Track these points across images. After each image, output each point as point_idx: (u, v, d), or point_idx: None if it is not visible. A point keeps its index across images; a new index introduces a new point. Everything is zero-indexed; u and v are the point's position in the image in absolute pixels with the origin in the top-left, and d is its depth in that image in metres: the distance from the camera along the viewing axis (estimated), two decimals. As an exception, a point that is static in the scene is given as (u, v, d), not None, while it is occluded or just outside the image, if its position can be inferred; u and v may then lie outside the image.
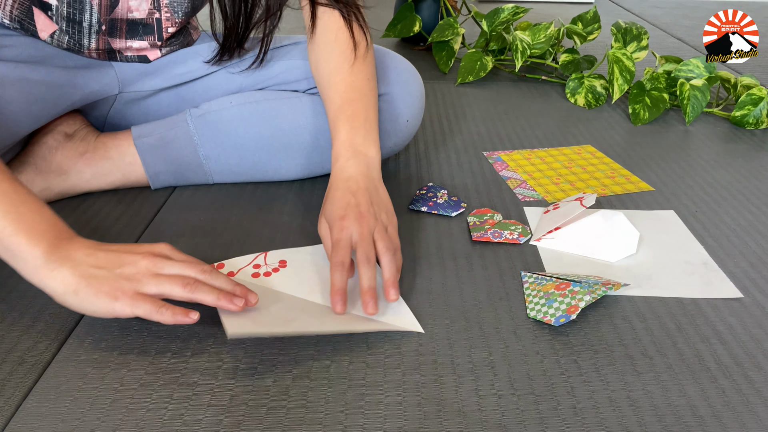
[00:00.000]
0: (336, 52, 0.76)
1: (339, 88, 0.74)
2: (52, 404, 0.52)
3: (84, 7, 0.76)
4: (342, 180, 0.68)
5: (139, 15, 0.80)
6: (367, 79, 0.76)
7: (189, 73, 0.88)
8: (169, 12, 0.81)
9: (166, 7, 0.81)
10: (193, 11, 0.84)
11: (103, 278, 0.54)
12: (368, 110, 0.73)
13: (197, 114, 0.84)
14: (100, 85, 0.84)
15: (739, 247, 0.77)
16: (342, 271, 0.60)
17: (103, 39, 0.80)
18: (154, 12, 0.80)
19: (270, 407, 0.52)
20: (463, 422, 0.51)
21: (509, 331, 0.62)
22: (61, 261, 0.54)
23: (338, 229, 0.63)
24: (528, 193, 0.90)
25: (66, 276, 0.54)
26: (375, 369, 0.56)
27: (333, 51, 0.76)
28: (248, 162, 0.86)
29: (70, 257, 0.54)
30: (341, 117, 0.72)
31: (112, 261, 0.55)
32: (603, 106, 1.28)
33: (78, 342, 0.59)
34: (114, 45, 0.82)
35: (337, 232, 0.63)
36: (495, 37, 1.47)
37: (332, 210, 0.65)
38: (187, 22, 0.86)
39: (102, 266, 0.55)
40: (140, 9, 0.79)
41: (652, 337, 0.61)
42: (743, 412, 0.53)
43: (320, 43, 0.78)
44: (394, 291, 0.61)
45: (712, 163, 1.02)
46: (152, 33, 0.82)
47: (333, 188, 0.67)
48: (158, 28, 0.82)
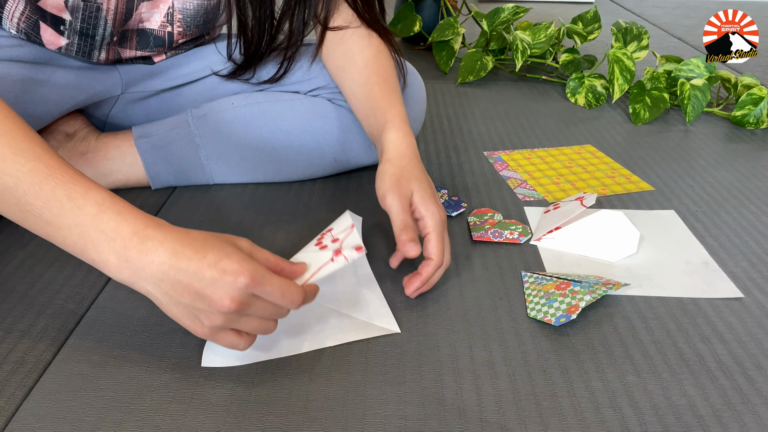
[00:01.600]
0: (374, 45, 0.78)
1: (380, 73, 0.76)
2: (52, 404, 0.52)
3: (98, 22, 0.75)
4: (416, 156, 0.68)
5: (150, 26, 0.79)
6: (394, 69, 0.79)
7: (192, 73, 0.88)
8: (181, 26, 0.81)
9: (179, 21, 0.80)
10: (206, 25, 0.83)
11: (182, 308, 0.50)
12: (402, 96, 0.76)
13: (198, 115, 0.84)
14: (104, 86, 0.84)
15: (739, 247, 0.77)
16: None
17: (113, 50, 0.80)
18: (167, 26, 0.80)
19: (270, 407, 0.52)
20: (463, 422, 0.51)
21: (509, 330, 0.62)
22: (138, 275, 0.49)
23: (438, 216, 0.64)
24: (528, 192, 0.90)
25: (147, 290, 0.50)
26: (375, 369, 0.56)
27: (369, 45, 0.78)
28: (249, 163, 0.86)
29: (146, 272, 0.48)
30: (392, 95, 0.74)
31: (189, 294, 0.49)
32: (603, 105, 1.28)
33: (78, 342, 0.59)
34: (123, 54, 0.81)
35: (439, 218, 0.64)
36: (495, 37, 1.47)
37: (428, 194, 0.65)
38: (198, 34, 0.85)
39: (178, 297, 0.49)
40: (152, 20, 0.79)
41: (652, 337, 0.61)
42: (743, 411, 0.53)
43: (352, 35, 0.79)
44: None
45: (712, 163, 1.02)
46: (162, 45, 0.82)
47: (412, 165, 0.67)
48: (169, 41, 0.82)
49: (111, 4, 0.73)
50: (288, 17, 0.77)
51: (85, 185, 0.48)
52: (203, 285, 0.48)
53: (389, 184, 0.65)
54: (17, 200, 0.47)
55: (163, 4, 0.77)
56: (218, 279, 0.48)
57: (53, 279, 0.68)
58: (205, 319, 0.50)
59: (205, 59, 0.88)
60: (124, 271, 0.48)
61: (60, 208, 0.47)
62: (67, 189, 0.48)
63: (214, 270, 0.48)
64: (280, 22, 0.78)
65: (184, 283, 0.48)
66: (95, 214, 0.48)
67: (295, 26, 0.77)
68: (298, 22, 0.77)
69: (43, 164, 0.48)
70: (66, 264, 0.70)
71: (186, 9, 0.79)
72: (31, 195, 0.47)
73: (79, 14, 0.73)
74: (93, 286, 0.67)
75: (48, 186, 0.47)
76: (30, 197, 0.47)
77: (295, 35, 0.78)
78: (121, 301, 0.64)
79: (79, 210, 0.48)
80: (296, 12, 0.77)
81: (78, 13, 0.73)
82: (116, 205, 0.49)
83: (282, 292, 0.50)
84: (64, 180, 0.48)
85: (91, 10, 0.72)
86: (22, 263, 0.70)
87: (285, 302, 0.51)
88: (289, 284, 0.51)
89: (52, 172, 0.48)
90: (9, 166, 0.47)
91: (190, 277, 0.48)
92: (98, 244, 0.48)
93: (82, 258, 0.49)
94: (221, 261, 0.48)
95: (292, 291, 0.51)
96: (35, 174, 0.47)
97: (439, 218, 0.64)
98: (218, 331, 0.51)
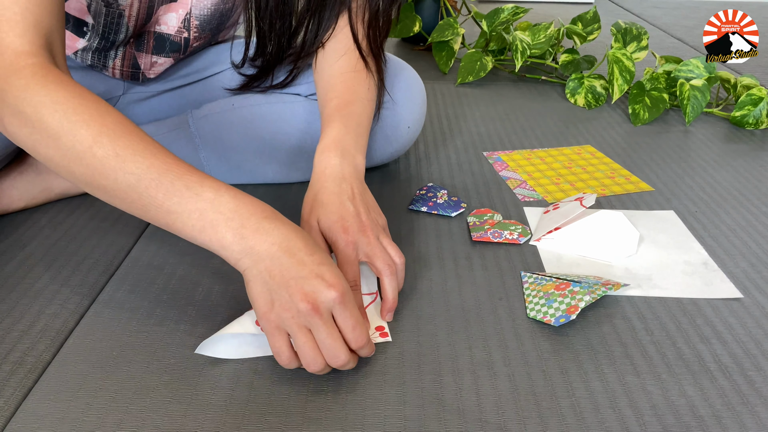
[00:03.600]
0: (343, 60, 0.76)
1: (338, 90, 0.74)
2: (52, 404, 0.52)
3: (120, 28, 0.75)
4: (334, 180, 0.64)
5: (167, 30, 0.80)
6: (367, 88, 0.75)
7: (194, 74, 0.88)
8: (197, 31, 0.81)
9: (195, 27, 0.81)
10: (219, 27, 0.84)
11: (265, 290, 0.51)
12: (362, 117, 0.72)
13: (199, 115, 0.85)
14: (105, 86, 0.84)
15: (738, 247, 0.77)
16: (356, 292, 0.60)
17: (129, 52, 0.80)
18: (183, 31, 0.80)
19: (270, 407, 0.52)
20: (463, 422, 0.51)
21: (509, 331, 0.62)
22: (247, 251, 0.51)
23: (344, 243, 0.60)
24: (528, 193, 0.90)
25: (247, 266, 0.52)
26: (375, 369, 0.56)
27: (340, 60, 0.76)
28: (249, 164, 0.86)
29: (255, 249, 0.51)
30: (336, 115, 0.70)
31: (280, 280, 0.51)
32: (603, 106, 1.28)
33: (78, 342, 0.59)
34: (140, 60, 0.82)
35: (343, 246, 0.60)
36: (495, 37, 1.47)
37: (331, 219, 0.61)
38: (210, 37, 0.85)
39: (269, 278, 0.51)
40: (169, 24, 0.79)
41: (652, 337, 0.61)
42: (743, 412, 0.53)
43: (329, 51, 0.77)
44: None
45: (712, 163, 1.02)
46: (178, 50, 0.83)
47: (325, 190, 0.63)
48: (185, 46, 0.83)
49: (133, 11, 0.74)
50: (303, 29, 0.77)
51: (199, 175, 0.52)
52: (297, 277, 0.50)
53: (304, 213, 0.64)
54: (139, 195, 0.51)
55: (181, 9, 0.78)
56: (312, 279, 0.50)
57: (53, 279, 0.68)
58: (278, 308, 0.51)
59: (205, 60, 0.88)
60: (236, 246, 0.51)
61: (180, 197, 0.51)
62: (184, 180, 0.51)
63: (314, 270, 0.51)
64: (295, 34, 0.78)
65: (282, 268, 0.51)
66: (213, 198, 0.51)
67: (307, 37, 0.77)
68: (310, 34, 0.77)
69: (159, 161, 0.52)
70: (66, 264, 0.70)
71: (203, 15, 0.79)
72: (152, 189, 0.51)
73: (102, 19, 0.74)
74: (93, 286, 0.67)
75: (167, 179, 0.51)
76: (152, 191, 0.51)
77: (307, 45, 0.78)
78: (121, 302, 0.64)
79: (197, 197, 0.51)
80: (310, 24, 0.77)
81: (100, 18, 0.73)
82: (231, 191, 0.53)
83: (356, 322, 0.52)
84: (181, 172, 0.52)
85: (113, 16, 0.73)
86: (22, 263, 0.70)
87: (353, 334, 0.52)
88: (363, 322, 0.53)
89: (169, 167, 0.52)
90: (129, 165, 0.51)
91: (291, 265, 0.51)
92: (216, 224, 0.51)
93: (200, 239, 0.52)
94: (324, 266, 0.51)
95: (364, 329, 0.53)
96: (154, 170, 0.51)
97: (347, 241, 0.60)
98: (279, 329, 0.52)
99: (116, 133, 0.51)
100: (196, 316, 0.62)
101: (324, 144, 0.67)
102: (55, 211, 0.80)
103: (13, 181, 0.79)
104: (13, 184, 0.79)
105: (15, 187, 0.79)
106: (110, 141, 0.51)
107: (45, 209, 0.81)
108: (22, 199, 0.79)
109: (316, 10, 0.75)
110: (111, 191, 0.52)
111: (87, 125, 0.51)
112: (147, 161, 0.51)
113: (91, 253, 0.72)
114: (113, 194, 0.52)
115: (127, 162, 0.51)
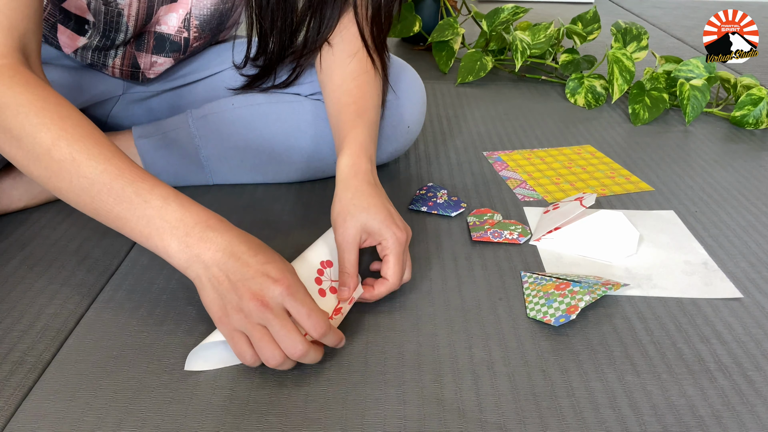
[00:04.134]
0: (355, 63, 0.75)
1: (355, 94, 0.73)
2: (52, 404, 0.52)
3: (120, 27, 0.76)
4: (369, 184, 0.65)
5: (167, 30, 0.80)
6: (377, 93, 0.75)
7: (194, 74, 0.88)
8: (197, 31, 0.81)
9: (195, 27, 0.80)
10: (219, 27, 0.84)
11: (216, 297, 0.52)
12: (377, 124, 0.73)
13: (199, 115, 0.85)
14: (105, 86, 0.84)
15: (738, 247, 0.77)
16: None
17: (129, 51, 0.80)
18: (183, 31, 0.80)
19: (270, 407, 0.52)
20: (463, 422, 0.51)
21: (509, 331, 0.62)
22: (193, 259, 0.52)
23: (394, 239, 0.62)
24: (528, 193, 0.90)
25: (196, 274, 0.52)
26: (375, 369, 0.56)
27: (352, 62, 0.75)
28: (249, 164, 0.86)
29: (201, 258, 0.52)
30: (358, 121, 0.70)
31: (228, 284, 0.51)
32: (603, 106, 1.28)
33: (78, 342, 0.59)
34: (140, 59, 0.82)
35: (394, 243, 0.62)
36: (495, 37, 1.47)
37: (379, 219, 0.62)
38: (210, 36, 0.85)
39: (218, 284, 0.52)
40: (169, 24, 0.79)
41: (651, 337, 0.61)
42: (743, 412, 0.53)
43: (337, 52, 0.77)
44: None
45: (712, 163, 1.02)
46: (178, 50, 0.83)
47: (363, 193, 0.64)
48: (185, 46, 0.82)
49: (132, 10, 0.74)
50: (304, 26, 0.77)
51: (150, 182, 0.53)
52: (243, 279, 0.51)
53: (336, 220, 0.64)
54: (92, 198, 0.53)
55: (182, 9, 0.78)
56: (257, 278, 0.51)
57: (53, 279, 0.68)
58: (231, 312, 0.51)
59: (206, 60, 0.88)
60: (182, 255, 0.52)
61: (129, 204, 0.52)
62: (135, 186, 0.53)
63: (258, 269, 0.51)
64: (296, 32, 0.78)
65: (229, 272, 0.51)
66: (160, 206, 0.52)
67: (309, 35, 0.77)
68: (312, 31, 0.77)
69: (113, 166, 0.53)
70: (65, 264, 0.70)
71: (203, 15, 0.79)
72: (104, 193, 0.52)
73: (101, 17, 0.74)
74: (93, 286, 0.67)
75: (118, 184, 0.52)
76: (103, 195, 0.52)
77: (309, 44, 0.78)
78: (121, 302, 0.64)
79: (146, 204, 0.52)
80: (312, 22, 0.77)
81: (100, 17, 0.73)
82: (179, 199, 0.53)
83: (310, 310, 0.52)
84: (133, 178, 0.53)
85: (112, 14, 0.73)
86: (22, 263, 0.70)
87: (309, 322, 0.52)
88: (319, 310, 0.53)
89: (121, 173, 0.53)
90: (84, 169, 0.52)
91: (237, 268, 0.51)
92: (162, 233, 0.52)
93: (147, 245, 0.53)
94: (268, 264, 0.52)
95: (320, 316, 0.53)
96: (106, 175, 0.52)
97: (396, 240, 0.62)
98: (236, 331, 0.52)
99: (74, 137, 0.53)
100: (196, 316, 0.62)
101: (353, 149, 0.68)
102: (55, 211, 0.80)
103: (14, 181, 0.79)
104: (13, 184, 0.79)
105: (15, 187, 0.79)
106: (68, 144, 0.52)
107: (45, 209, 0.81)
108: (22, 199, 0.79)
109: (318, 7, 0.75)
110: (66, 193, 0.54)
111: (47, 128, 0.52)
112: (101, 166, 0.52)
113: (91, 253, 0.72)
114: (68, 196, 0.54)
115: (82, 166, 0.52)
